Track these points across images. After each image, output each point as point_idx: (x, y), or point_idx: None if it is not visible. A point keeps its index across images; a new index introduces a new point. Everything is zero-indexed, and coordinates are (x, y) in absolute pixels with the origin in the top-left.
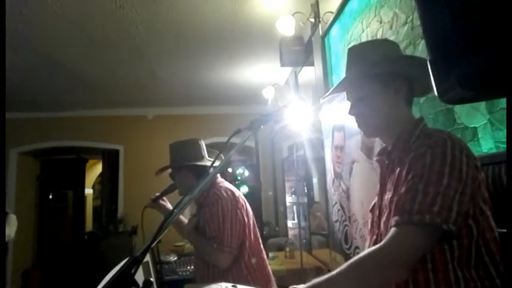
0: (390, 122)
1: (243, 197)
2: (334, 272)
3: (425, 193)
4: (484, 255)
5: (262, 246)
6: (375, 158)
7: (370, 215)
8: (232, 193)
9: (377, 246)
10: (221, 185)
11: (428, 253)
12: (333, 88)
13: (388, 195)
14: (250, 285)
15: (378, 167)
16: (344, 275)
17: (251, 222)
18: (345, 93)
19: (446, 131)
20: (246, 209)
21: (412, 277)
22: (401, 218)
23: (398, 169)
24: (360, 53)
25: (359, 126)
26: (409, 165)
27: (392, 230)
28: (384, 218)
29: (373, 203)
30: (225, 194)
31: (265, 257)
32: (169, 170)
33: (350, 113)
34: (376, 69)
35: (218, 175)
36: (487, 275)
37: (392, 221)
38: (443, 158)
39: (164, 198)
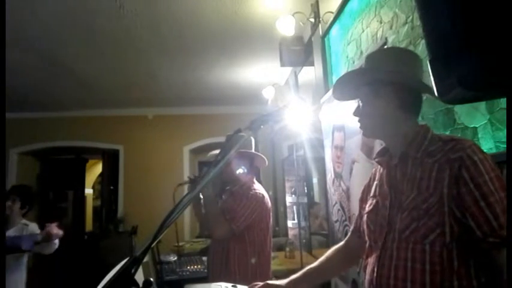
0: (386, 126)
1: (269, 202)
2: None
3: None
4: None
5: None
6: (376, 159)
7: (367, 215)
8: (263, 195)
9: None
10: (256, 185)
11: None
12: (331, 93)
13: (409, 195)
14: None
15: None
16: None
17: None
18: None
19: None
20: (269, 213)
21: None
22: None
23: (420, 169)
24: (372, 60)
25: (360, 127)
26: (468, 174)
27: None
28: (403, 215)
29: (372, 203)
30: (257, 191)
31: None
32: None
33: (353, 113)
34: (362, 78)
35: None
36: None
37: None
38: (489, 163)
39: None
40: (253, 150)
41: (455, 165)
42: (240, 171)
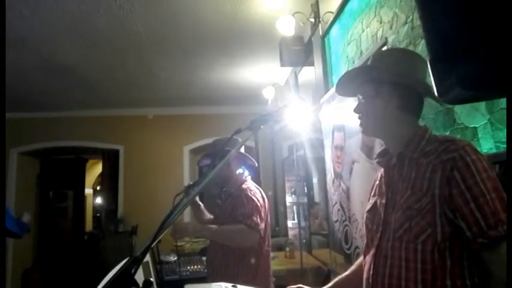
0: (385, 126)
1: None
2: None
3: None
4: None
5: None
6: (375, 160)
7: (366, 215)
8: (262, 194)
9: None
10: (251, 184)
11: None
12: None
13: (404, 195)
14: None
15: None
16: None
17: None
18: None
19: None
20: (267, 210)
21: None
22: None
23: (415, 170)
24: (376, 59)
25: (359, 124)
26: (459, 175)
27: (499, 248)
28: (397, 215)
29: (371, 202)
30: (257, 190)
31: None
32: (206, 161)
33: (353, 110)
34: (364, 75)
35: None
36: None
37: (487, 234)
38: (483, 163)
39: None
40: (242, 151)
41: (448, 166)
42: (240, 171)
